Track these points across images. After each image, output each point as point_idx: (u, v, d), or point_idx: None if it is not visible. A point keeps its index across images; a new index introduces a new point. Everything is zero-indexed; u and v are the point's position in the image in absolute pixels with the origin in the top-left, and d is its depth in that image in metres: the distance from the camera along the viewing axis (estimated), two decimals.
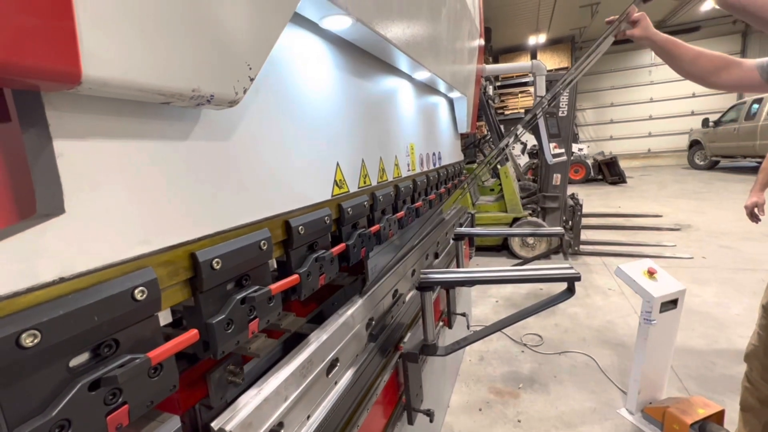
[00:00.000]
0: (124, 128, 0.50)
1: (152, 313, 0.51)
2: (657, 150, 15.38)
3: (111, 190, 0.48)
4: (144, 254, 0.51)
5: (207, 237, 0.61)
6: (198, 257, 0.57)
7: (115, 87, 0.41)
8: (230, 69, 0.55)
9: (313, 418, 0.85)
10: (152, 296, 0.50)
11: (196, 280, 0.59)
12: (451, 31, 1.91)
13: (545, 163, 4.49)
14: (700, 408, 1.79)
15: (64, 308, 0.41)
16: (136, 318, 0.49)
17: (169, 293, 0.56)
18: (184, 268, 0.57)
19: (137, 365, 0.46)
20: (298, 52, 0.89)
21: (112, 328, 0.46)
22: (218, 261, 0.60)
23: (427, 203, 1.76)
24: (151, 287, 0.50)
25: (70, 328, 0.41)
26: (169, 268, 0.54)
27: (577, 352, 2.64)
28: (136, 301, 0.48)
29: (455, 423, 2.08)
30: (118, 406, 0.46)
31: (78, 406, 0.42)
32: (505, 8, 11.07)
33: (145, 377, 0.49)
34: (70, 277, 0.43)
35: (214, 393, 0.86)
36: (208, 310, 0.61)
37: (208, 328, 0.61)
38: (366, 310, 1.16)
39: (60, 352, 0.41)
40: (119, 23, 0.41)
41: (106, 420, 0.45)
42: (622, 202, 7.89)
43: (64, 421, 0.41)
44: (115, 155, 0.49)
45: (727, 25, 14.01)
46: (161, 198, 0.54)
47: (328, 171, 1.00)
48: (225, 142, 0.66)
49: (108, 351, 0.46)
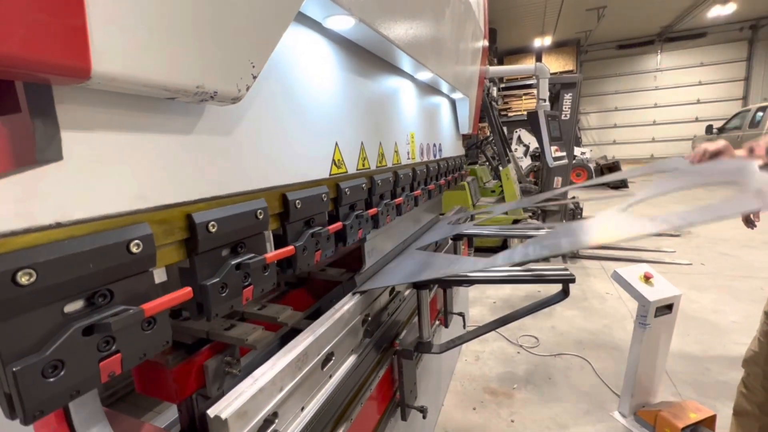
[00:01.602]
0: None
1: (147, 268, 0.52)
2: (660, 155, 15.34)
3: (110, 143, 0.49)
4: (140, 209, 0.53)
5: (203, 200, 0.62)
6: (194, 218, 0.59)
7: (122, 82, 0.43)
8: (234, 67, 0.57)
9: (307, 410, 0.86)
10: (147, 251, 0.51)
11: (192, 241, 0.60)
12: (455, 32, 1.92)
13: (546, 166, 4.50)
14: (692, 412, 1.81)
15: (59, 252, 0.42)
16: (131, 271, 0.50)
17: (165, 252, 0.57)
18: (180, 228, 0.58)
19: (131, 315, 0.48)
20: (298, 38, 0.90)
21: (107, 278, 0.48)
22: (214, 224, 0.62)
23: (426, 193, 1.77)
24: (147, 242, 0.51)
25: (65, 273, 0.43)
26: (164, 226, 0.56)
27: (572, 354, 2.66)
28: (131, 254, 0.49)
29: (449, 421, 2.10)
30: (111, 354, 0.48)
31: (72, 349, 0.44)
32: (511, 10, 11.06)
33: (139, 329, 0.51)
34: (67, 223, 0.45)
35: (211, 383, 0.88)
36: (203, 273, 0.63)
37: (202, 289, 0.62)
38: (362, 306, 1.18)
39: (55, 295, 0.43)
40: (128, 21, 0.42)
41: (99, 366, 0.47)
42: None
43: (58, 362, 0.43)
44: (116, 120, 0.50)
45: (734, 32, 13.96)
46: (159, 157, 0.55)
47: (326, 150, 1.01)
48: (225, 115, 0.67)
49: (102, 300, 0.48)
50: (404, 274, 1.27)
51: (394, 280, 1.22)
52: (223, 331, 0.90)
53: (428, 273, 1.20)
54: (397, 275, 1.27)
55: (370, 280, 1.28)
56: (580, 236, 1.08)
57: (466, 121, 2.60)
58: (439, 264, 1.28)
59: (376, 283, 1.22)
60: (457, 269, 1.19)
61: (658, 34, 14.42)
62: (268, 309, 1.03)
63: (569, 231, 1.17)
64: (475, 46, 2.55)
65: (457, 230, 1.88)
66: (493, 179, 6.38)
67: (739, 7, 11.62)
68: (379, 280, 1.25)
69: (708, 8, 11.47)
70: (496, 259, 1.07)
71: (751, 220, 2.37)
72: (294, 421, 0.83)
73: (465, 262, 1.22)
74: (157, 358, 0.88)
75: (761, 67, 13.83)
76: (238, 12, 0.56)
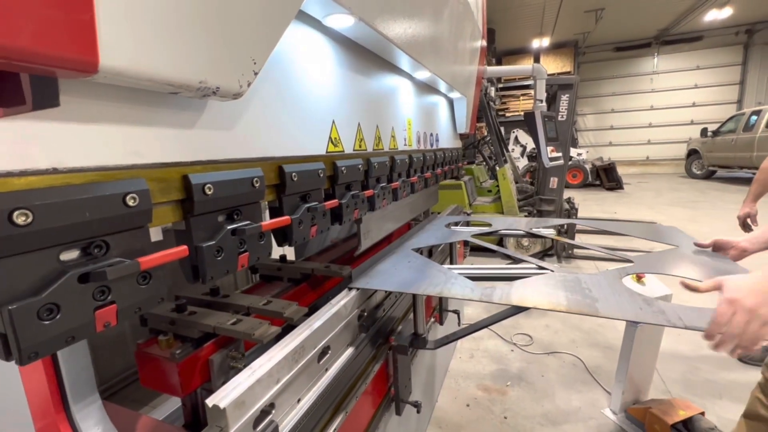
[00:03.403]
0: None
1: (143, 223, 0.53)
2: (655, 158, 15.46)
3: (107, 95, 0.49)
4: (137, 165, 0.53)
5: (199, 162, 0.63)
6: (191, 179, 0.60)
7: (128, 77, 0.44)
8: (236, 63, 0.58)
9: (303, 402, 0.88)
10: (143, 206, 0.52)
11: (188, 202, 0.61)
12: (453, 32, 1.94)
13: (542, 167, 4.53)
14: (681, 410, 1.84)
15: (56, 197, 0.43)
16: (127, 224, 0.51)
17: (161, 211, 0.58)
18: (177, 189, 0.59)
19: (126, 266, 0.49)
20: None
21: (103, 229, 0.49)
22: (210, 187, 0.63)
23: (423, 181, 1.78)
24: (143, 197, 0.52)
25: (62, 217, 0.44)
26: (161, 184, 0.57)
27: (565, 352, 2.69)
28: (127, 207, 0.50)
29: (443, 417, 2.12)
30: (106, 304, 0.49)
31: (67, 294, 0.45)
32: (509, 10, 11.08)
33: (134, 282, 0.52)
34: (64, 170, 0.46)
35: (216, 377, 0.90)
36: (199, 235, 0.64)
37: (198, 251, 0.63)
38: (358, 302, 1.19)
39: (51, 239, 0.44)
40: (135, 18, 0.44)
41: (95, 314, 0.48)
42: (618, 207, 7.95)
43: (53, 305, 0.44)
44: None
45: (729, 36, 14.06)
46: (156, 117, 0.56)
47: (323, 127, 1.03)
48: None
49: (99, 251, 0.49)
50: (399, 281, 1.27)
51: (389, 286, 1.23)
52: (229, 325, 0.91)
53: (423, 287, 1.21)
54: (392, 280, 1.28)
55: (366, 277, 1.29)
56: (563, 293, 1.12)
57: (463, 121, 2.61)
58: (434, 276, 1.29)
59: (371, 284, 1.23)
60: (449, 290, 1.19)
61: (655, 36, 14.51)
62: (273, 304, 1.05)
63: (566, 284, 1.19)
64: (473, 46, 2.56)
65: (454, 237, 1.88)
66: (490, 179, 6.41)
67: (736, 11, 11.71)
68: (374, 281, 1.26)
69: (705, 12, 11.54)
70: (492, 295, 1.11)
71: (748, 224, 2.41)
72: (290, 413, 0.84)
73: (457, 284, 1.21)
74: (163, 352, 0.89)
75: (756, 71, 13.95)
76: (242, 10, 0.57)
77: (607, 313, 0.99)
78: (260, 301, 1.07)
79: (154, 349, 0.92)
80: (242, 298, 1.12)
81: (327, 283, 1.48)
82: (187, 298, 1.11)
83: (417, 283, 1.23)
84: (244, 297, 1.12)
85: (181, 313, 0.98)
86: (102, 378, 1.55)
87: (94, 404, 0.90)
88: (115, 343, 1.58)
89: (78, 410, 0.87)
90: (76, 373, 0.84)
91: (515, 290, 1.13)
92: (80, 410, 0.87)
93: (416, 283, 1.23)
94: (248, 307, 1.05)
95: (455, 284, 1.20)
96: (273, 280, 1.44)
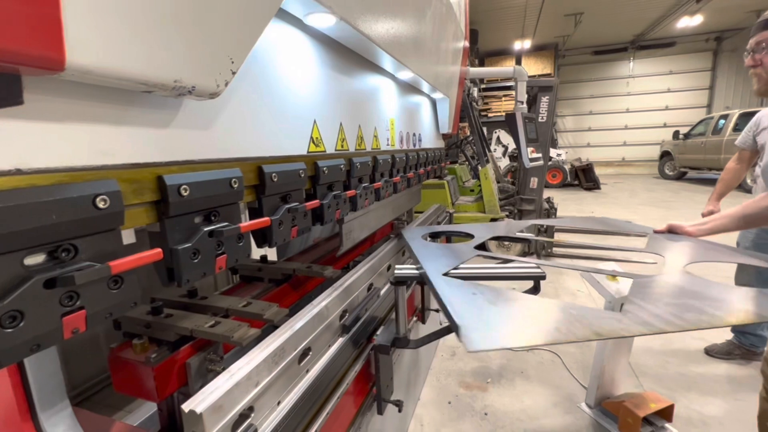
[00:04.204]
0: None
1: (114, 226, 0.51)
2: (631, 159, 15.98)
3: (75, 93, 0.47)
4: (107, 165, 0.51)
5: (175, 163, 0.62)
6: (165, 180, 0.58)
7: (98, 75, 0.43)
8: (213, 62, 0.57)
9: (283, 404, 0.87)
10: (114, 207, 0.50)
11: (163, 204, 0.59)
12: (436, 33, 1.95)
13: (523, 167, 4.62)
14: (653, 402, 1.92)
15: (19, 199, 0.41)
16: (98, 227, 0.49)
17: (134, 212, 0.56)
18: (151, 190, 0.58)
19: (96, 270, 0.47)
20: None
21: (71, 232, 0.47)
22: (186, 188, 0.61)
23: (405, 180, 1.79)
24: (114, 198, 0.50)
25: (26, 221, 0.42)
26: (134, 185, 0.55)
27: (544, 349, 2.76)
28: (97, 209, 0.48)
29: (425, 415, 2.14)
30: (74, 309, 0.47)
31: (32, 300, 0.43)
32: (492, 12, 11.23)
33: (105, 287, 0.51)
34: (28, 171, 0.44)
35: (193, 381, 0.88)
36: (174, 237, 0.62)
37: (173, 254, 0.62)
38: (340, 302, 1.19)
39: (14, 243, 0.42)
40: (105, 13, 0.42)
41: (62, 321, 0.46)
42: (596, 207, 8.19)
43: (17, 312, 0.42)
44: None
45: (700, 43, 14.68)
46: (128, 116, 0.54)
47: (304, 126, 1.01)
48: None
49: (66, 255, 0.47)
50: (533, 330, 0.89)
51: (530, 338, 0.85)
52: (207, 328, 0.90)
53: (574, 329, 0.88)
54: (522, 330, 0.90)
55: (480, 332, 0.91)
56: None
57: (446, 121, 2.64)
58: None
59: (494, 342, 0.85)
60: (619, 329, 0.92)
61: (631, 41, 14.99)
62: (253, 306, 1.03)
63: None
64: (455, 47, 2.58)
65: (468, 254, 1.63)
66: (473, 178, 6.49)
67: (706, 19, 12.22)
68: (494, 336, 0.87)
69: (677, 19, 11.99)
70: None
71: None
72: (270, 416, 0.83)
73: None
74: (137, 356, 0.87)
75: (724, 77, 14.59)
76: (219, 7, 0.56)
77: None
78: (240, 302, 1.05)
79: (128, 354, 0.89)
80: (221, 299, 1.10)
81: (309, 284, 1.47)
82: (164, 301, 1.08)
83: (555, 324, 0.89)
84: (223, 298, 1.10)
85: (156, 316, 0.95)
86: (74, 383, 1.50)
87: (64, 411, 0.87)
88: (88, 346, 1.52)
89: (46, 418, 0.84)
90: (44, 380, 0.81)
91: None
92: (49, 418, 0.84)
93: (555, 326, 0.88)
94: (227, 308, 1.03)
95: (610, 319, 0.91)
96: (254, 281, 1.42)
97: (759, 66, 1.26)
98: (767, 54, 1.23)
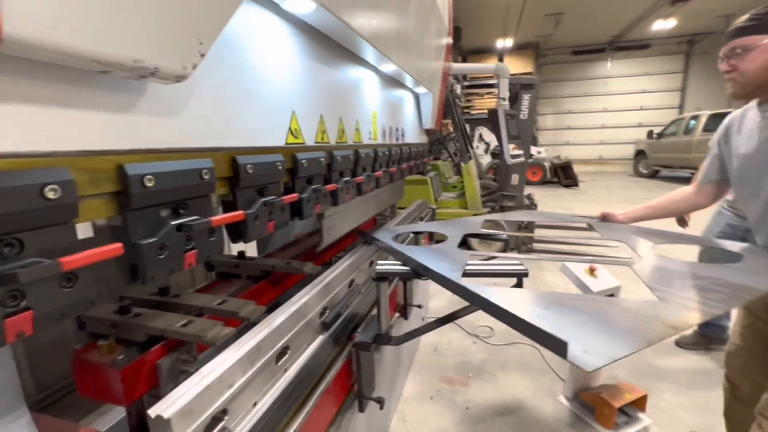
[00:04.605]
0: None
1: (67, 218, 0.47)
2: (607, 157, 16.44)
3: (18, 70, 0.42)
4: (59, 152, 0.47)
5: (138, 151, 0.57)
6: (126, 170, 0.54)
7: (43, 50, 0.38)
8: (179, 42, 0.53)
9: (259, 405, 0.84)
10: (67, 198, 0.46)
11: (125, 195, 0.55)
12: (419, 26, 1.93)
13: (505, 163, 4.67)
14: (627, 393, 1.97)
15: None
16: (47, 220, 0.45)
17: (92, 204, 0.52)
18: (110, 180, 0.53)
19: (44, 267, 0.43)
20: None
21: (15, 225, 0.42)
22: (151, 179, 0.57)
23: (388, 175, 1.76)
24: (66, 188, 0.46)
25: None
26: (91, 174, 0.50)
27: (524, 343, 2.80)
28: (46, 199, 0.44)
29: (407, 411, 2.14)
30: (19, 310, 0.43)
31: None
32: (475, 10, 11.28)
33: (56, 286, 0.46)
34: None
35: (165, 383, 0.84)
36: (138, 232, 0.58)
37: (136, 249, 0.57)
38: (320, 299, 1.16)
39: None
40: None
41: (5, 323, 0.42)
42: (574, 204, 8.39)
43: None
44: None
45: (673, 46, 15.20)
46: (83, 98, 0.49)
47: (282, 117, 0.97)
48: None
49: (10, 251, 0.43)
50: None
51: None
52: (179, 327, 0.85)
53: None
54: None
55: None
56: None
57: (429, 116, 2.62)
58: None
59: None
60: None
61: (608, 42, 15.37)
62: (229, 303, 0.99)
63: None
64: (439, 43, 2.57)
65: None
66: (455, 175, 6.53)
67: (680, 22, 12.64)
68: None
69: (652, 21, 12.36)
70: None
71: (684, 219, 2.62)
72: (245, 417, 0.80)
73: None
74: (103, 358, 0.82)
75: (695, 79, 15.17)
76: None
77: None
78: (214, 300, 1.01)
79: (93, 356, 0.84)
80: (195, 297, 1.05)
81: (288, 281, 1.43)
82: (133, 299, 1.03)
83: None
84: (197, 296, 1.06)
85: (124, 315, 0.90)
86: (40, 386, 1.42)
87: (21, 419, 0.81)
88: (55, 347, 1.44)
89: (2, 426, 0.78)
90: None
91: None
92: (4, 426, 0.78)
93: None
94: (201, 307, 0.99)
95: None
96: (230, 278, 1.37)
97: (734, 71, 1.26)
98: (741, 59, 1.24)
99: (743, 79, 1.26)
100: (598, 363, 0.69)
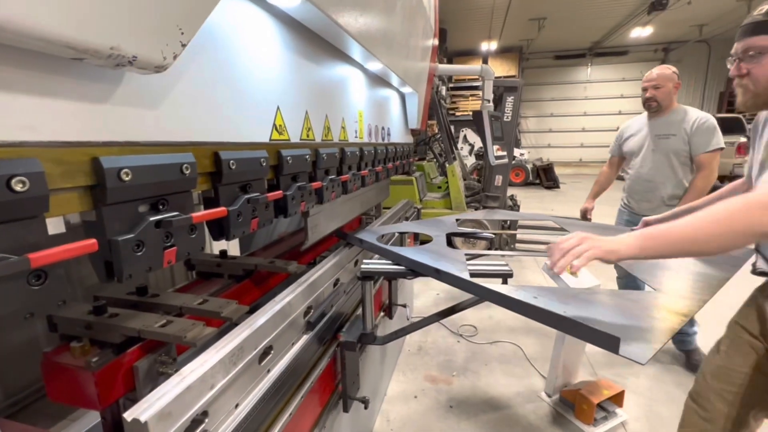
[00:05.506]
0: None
1: (36, 212, 0.45)
2: (587, 160, 16.88)
3: None
4: (27, 142, 0.44)
5: (114, 143, 0.55)
6: (102, 162, 0.52)
7: (11, 33, 0.36)
8: (159, 31, 0.51)
9: (241, 407, 0.82)
10: (36, 191, 0.43)
11: (100, 189, 0.53)
12: (406, 25, 1.93)
13: (489, 165, 4.73)
14: (605, 389, 2.02)
15: None
16: (14, 213, 0.43)
17: (64, 198, 0.50)
18: (84, 173, 0.51)
19: (10, 264, 0.41)
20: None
21: None
22: (128, 172, 0.55)
23: (374, 174, 1.76)
24: (35, 180, 0.43)
25: None
26: (63, 167, 0.48)
27: (506, 341, 2.84)
28: (13, 192, 0.41)
29: (391, 410, 2.14)
30: None
31: None
32: (461, 12, 11.40)
33: (24, 283, 0.44)
34: None
35: (142, 386, 0.81)
36: (113, 227, 0.56)
37: (112, 245, 0.55)
38: (304, 298, 1.14)
39: None
40: None
41: None
42: (556, 205, 8.57)
43: None
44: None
45: (650, 53, 15.75)
46: (55, 86, 0.47)
47: (267, 112, 0.96)
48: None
49: None
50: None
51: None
52: (157, 328, 0.82)
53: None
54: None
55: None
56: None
57: (414, 116, 2.63)
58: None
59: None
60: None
61: (589, 48, 15.79)
62: (210, 303, 0.96)
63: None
64: (425, 43, 2.58)
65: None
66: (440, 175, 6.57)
67: (656, 30, 13.10)
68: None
69: (630, 29, 12.77)
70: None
71: (587, 217, 2.95)
72: (227, 419, 0.78)
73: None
74: (76, 360, 0.78)
75: None
76: None
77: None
78: (195, 300, 0.98)
79: (65, 358, 0.80)
80: (174, 297, 1.02)
81: (272, 280, 1.40)
82: (109, 299, 0.99)
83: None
84: (177, 296, 1.03)
85: (99, 316, 0.87)
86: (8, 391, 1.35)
87: None
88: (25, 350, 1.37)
89: None
90: None
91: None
92: None
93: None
94: (181, 307, 0.96)
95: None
96: (212, 277, 1.34)
97: (746, 76, 1.02)
98: (757, 64, 0.99)
99: (756, 87, 1.01)
100: (648, 354, 0.71)
